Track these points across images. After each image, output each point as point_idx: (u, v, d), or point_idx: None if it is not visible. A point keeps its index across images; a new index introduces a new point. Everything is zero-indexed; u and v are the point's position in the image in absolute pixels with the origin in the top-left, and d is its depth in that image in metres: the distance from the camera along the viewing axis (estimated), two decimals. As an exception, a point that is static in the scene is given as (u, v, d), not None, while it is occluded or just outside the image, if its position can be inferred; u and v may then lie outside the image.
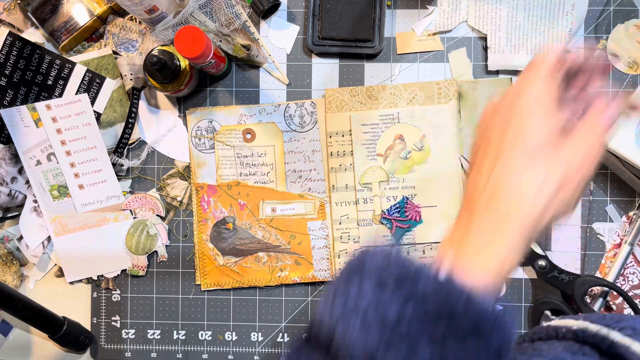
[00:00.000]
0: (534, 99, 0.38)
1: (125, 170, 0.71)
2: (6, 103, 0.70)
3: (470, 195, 0.39)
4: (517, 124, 0.38)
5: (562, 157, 0.37)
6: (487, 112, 0.41)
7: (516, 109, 0.38)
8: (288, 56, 0.71)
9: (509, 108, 0.39)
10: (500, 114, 0.39)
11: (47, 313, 0.66)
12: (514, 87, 0.40)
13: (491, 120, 0.40)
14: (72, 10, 0.69)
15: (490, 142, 0.39)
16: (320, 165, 0.69)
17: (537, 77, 0.39)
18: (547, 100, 0.38)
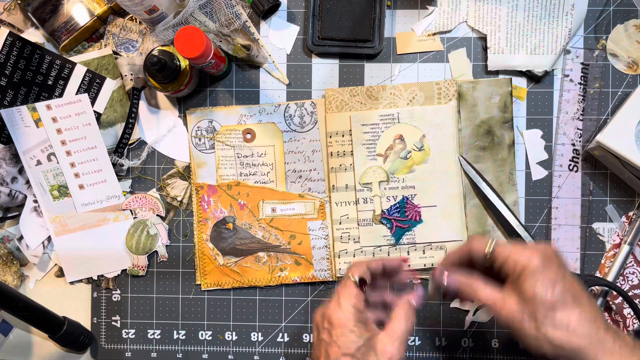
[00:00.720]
0: (346, 320, 0.50)
1: (125, 170, 0.71)
2: (6, 103, 0.70)
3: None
4: (335, 342, 0.49)
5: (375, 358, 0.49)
6: (318, 317, 0.52)
7: (332, 328, 0.50)
8: (288, 56, 0.71)
9: (322, 326, 0.51)
10: (318, 329, 0.52)
11: (47, 313, 0.66)
12: (333, 302, 0.51)
13: (321, 326, 0.51)
14: (72, 11, 0.70)
15: (321, 345, 0.51)
16: (320, 165, 0.70)
17: (346, 297, 0.51)
18: (354, 319, 0.50)
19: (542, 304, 0.47)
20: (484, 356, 0.69)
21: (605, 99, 0.68)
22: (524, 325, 0.48)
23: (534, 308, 0.47)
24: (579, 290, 0.48)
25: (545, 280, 0.47)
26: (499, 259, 0.51)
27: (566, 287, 0.47)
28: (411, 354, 0.69)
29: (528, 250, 0.50)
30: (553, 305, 0.47)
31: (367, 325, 0.51)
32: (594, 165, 0.68)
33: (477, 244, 0.53)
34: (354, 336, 0.49)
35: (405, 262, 0.59)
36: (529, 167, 0.69)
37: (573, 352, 0.46)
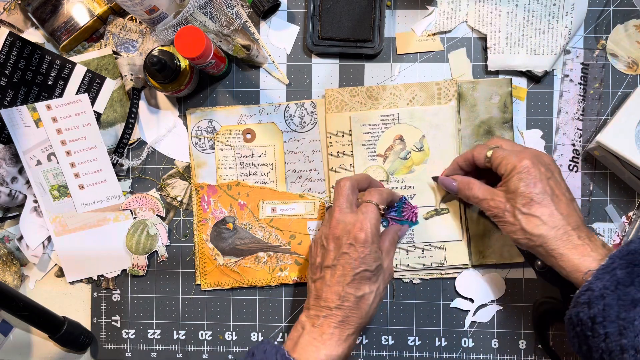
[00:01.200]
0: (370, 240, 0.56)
1: (125, 170, 0.71)
2: (6, 103, 0.70)
3: (326, 302, 0.55)
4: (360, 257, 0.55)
5: (382, 278, 0.57)
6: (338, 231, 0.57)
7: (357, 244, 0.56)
8: (288, 56, 0.71)
9: (347, 241, 0.56)
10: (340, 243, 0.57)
11: (47, 313, 0.66)
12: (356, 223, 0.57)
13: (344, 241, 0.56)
14: (72, 11, 0.70)
15: (339, 266, 0.56)
16: (320, 165, 0.70)
17: (370, 220, 0.56)
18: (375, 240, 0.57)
19: (522, 196, 0.54)
20: (484, 356, 0.69)
21: (605, 99, 0.68)
22: (505, 214, 0.56)
23: (514, 200, 0.55)
24: (561, 192, 0.55)
25: (529, 177, 0.54)
26: (496, 161, 0.57)
27: (548, 186, 0.54)
28: (411, 354, 0.69)
29: (521, 153, 0.56)
30: (531, 198, 0.54)
31: (379, 247, 0.58)
32: (594, 165, 0.68)
33: (480, 149, 0.60)
34: (375, 256, 0.56)
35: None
36: (529, 167, 0.69)
37: (540, 240, 0.53)
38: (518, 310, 0.69)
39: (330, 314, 0.55)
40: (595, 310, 0.48)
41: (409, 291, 0.69)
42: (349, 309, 0.55)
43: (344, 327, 0.55)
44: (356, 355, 0.70)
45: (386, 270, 0.58)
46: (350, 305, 0.55)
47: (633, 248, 0.50)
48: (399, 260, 0.68)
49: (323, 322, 0.55)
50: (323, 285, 0.56)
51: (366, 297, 0.55)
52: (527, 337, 0.68)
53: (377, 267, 0.56)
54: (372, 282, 0.56)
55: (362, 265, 0.55)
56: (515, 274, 0.68)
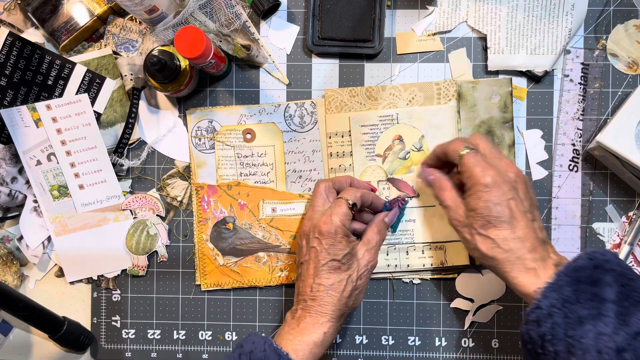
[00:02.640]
0: (334, 232, 0.58)
1: (125, 170, 0.71)
2: (6, 103, 0.70)
3: (302, 295, 0.59)
4: (325, 249, 0.58)
5: (355, 267, 0.59)
6: (307, 228, 0.60)
7: (322, 237, 0.58)
8: (288, 56, 0.71)
9: (313, 235, 0.59)
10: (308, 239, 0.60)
11: (47, 313, 0.66)
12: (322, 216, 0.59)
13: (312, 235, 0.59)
14: (72, 11, 0.70)
15: (310, 261, 0.59)
16: (320, 165, 0.69)
17: (337, 214, 0.59)
18: (341, 233, 0.58)
19: (480, 216, 0.54)
20: (484, 356, 0.69)
21: (605, 99, 0.68)
22: (463, 230, 0.57)
23: (473, 218, 0.55)
24: (520, 212, 0.54)
25: (489, 198, 0.54)
26: (463, 168, 0.57)
27: (507, 208, 0.54)
28: (411, 354, 0.69)
29: (487, 167, 0.56)
30: (488, 220, 0.54)
31: (349, 238, 0.60)
32: (594, 165, 0.68)
33: (456, 145, 0.59)
34: (342, 246, 0.58)
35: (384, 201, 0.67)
36: (529, 167, 0.69)
37: (492, 262, 0.54)
38: (518, 310, 0.69)
39: (305, 306, 0.58)
40: (544, 329, 0.49)
41: (409, 291, 0.69)
42: (320, 298, 0.58)
43: (318, 315, 0.57)
44: (356, 355, 0.70)
45: (362, 259, 0.60)
46: (321, 295, 0.58)
47: (579, 264, 0.50)
48: (399, 261, 0.68)
49: (300, 314, 0.58)
50: (299, 281, 0.60)
51: (336, 286, 0.58)
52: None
53: (346, 256, 0.58)
54: (342, 271, 0.58)
55: (328, 256, 0.58)
56: (515, 274, 0.68)
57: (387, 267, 0.68)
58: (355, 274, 0.59)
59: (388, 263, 0.68)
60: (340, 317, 0.59)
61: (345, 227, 0.59)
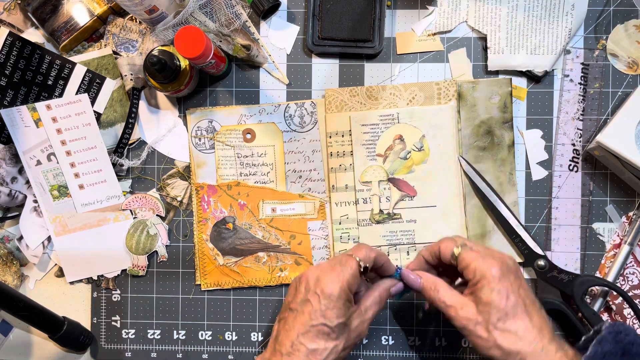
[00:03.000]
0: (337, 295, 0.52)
1: (125, 170, 0.71)
2: (6, 103, 0.70)
3: (280, 346, 0.53)
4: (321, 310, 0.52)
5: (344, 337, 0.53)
6: (311, 278, 0.54)
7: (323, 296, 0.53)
8: (288, 56, 0.71)
9: (314, 288, 0.53)
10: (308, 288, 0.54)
11: (47, 313, 0.66)
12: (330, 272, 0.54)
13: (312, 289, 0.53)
14: (72, 11, 0.70)
15: (300, 314, 0.53)
16: (320, 165, 0.70)
17: (346, 275, 0.53)
18: (345, 297, 0.53)
19: (496, 310, 0.51)
20: (484, 356, 0.69)
21: (605, 99, 0.68)
22: (477, 328, 0.52)
23: (488, 314, 0.51)
24: (530, 302, 0.52)
25: (502, 289, 0.51)
26: (463, 263, 0.54)
27: (520, 298, 0.51)
28: (411, 354, 0.69)
29: (489, 259, 0.53)
30: (506, 312, 0.51)
31: (350, 304, 0.54)
32: (594, 165, 0.68)
33: (447, 243, 0.57)
34: (339, 312, 0.53)
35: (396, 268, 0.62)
36: (529, 167, 0.69)
37: (517, 357, 0.50)
38: (518, 310, 0.68)
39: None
40: None
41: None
42: (297, 358, 0.52)
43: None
44: (356, 355, 0.70)
45: (353, 330, 0.54)
46: (300, 356, 0.52)
47: (607, 350, 0.49)
48: (399, 261, 0.68)
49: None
50: (282, 328, 0.55)
51: (319, 352, 0.52)
52: None
53: (339, 325, 0.52)
54: (330, 339, 0.52)
55: (320, 319, 0.52)
56: (515, 274, 0.68)
57: (387, 267, 0.68)
58: (341, 345, 0.53)
59: (388, 263, 0.68)
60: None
61: (350, 292, 0.54)
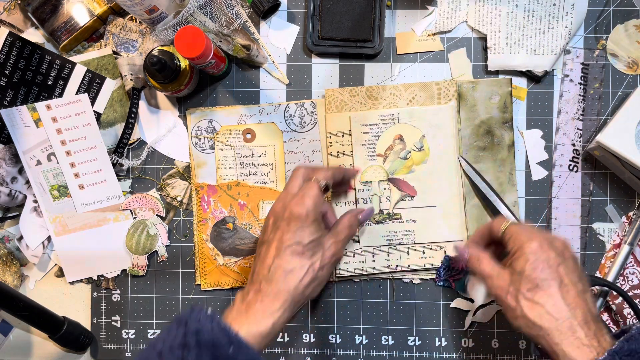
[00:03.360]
0: (305, 214, 0.54)
1: (125, 170, 0.71)
2: (6, 103, 0.70)
3: (257, 276, 0.54)
4: (293, 231, 0.54)
5: (319, 256, 0.55)
6: (278, 207, 0.56)
7: (292, 219, 0.54)
8: (288, 56, 0.71)
9: (282, 217, 0.55)
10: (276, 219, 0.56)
11: (47, 313, 0.66)
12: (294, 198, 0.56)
13: (281, 215, 0.55)
14: (72, 11, 0.70)
15: (273, 241, 0.55)
16: (321, 165, 0.69)
17: (310, 196, 0.55)
18: (312, 217, 0.55)
19: (527, 280, 0.51)
20: (484, 356, 0.69)
21: (605, 99, 0.68)
22: (507, 297, 0.52)
23: (518, 283, 0.51)
24: (571, 281, 0.51)
25: (537, 261, 0.51)
26: (507, 235, 0.55)
27: (557, 274, 0.51)
28: (411, 354, 0.69)
29: (533, 233, 0.53)
30: (536, 284, 0.50)
31: (319, 224, 0.56)
32: (594, 165, 0.68)
33: (497, 222, 0.58)
34: (310, 230, 0.55)
35: (357, 172, 0.68)
36: (529, 167, 0.69)
37: (541, 331, 0.49)
38: (518, 310, 0.68)
39: (258, 288, 0.53)
40: None
41: (409, 291, 0.69)
42: (277, 281, 0.53)
43: (270, 302, 0.52)
44: (356, 355, 0.70)
45: (327, 249, 0.56)
46: (278, 278, 0.53)
47: (634, 348, 0.46)
48: (399, 261, 0.68)
49: (251, 298, 0.53)
50: (257, 260, 0.56)
51: (296, 272, 0.53)
52: (527, 337, 0.68)
53: (312, 242, 0.54)
54: (305, 257, 0.54)
55: (293, 239, 0.54)
56: (515, 274, 0.68)
57: (387, 267, 0.68)
58: (318, 264, 0.55)
59: (389, 263, 0.68)
60: (294, 306, 0.54)
61: (317, 211, 0.55)
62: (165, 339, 0.48)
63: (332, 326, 0.70)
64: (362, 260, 0.68)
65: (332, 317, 0.70)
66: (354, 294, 0.70)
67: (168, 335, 0.49)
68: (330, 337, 0.70)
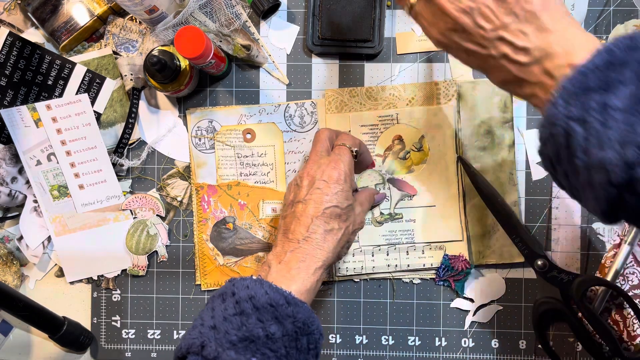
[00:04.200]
0: (343, 179, 0.55)
1: (125, 170, 0.71)
2: (6, 103, 0.70)
3: (294, 234, 0.54)
4: (333, 193, 0.55)
5: (352, 220, 0.57)
6: (313, 169, 0.57)
7: (331, 181, 0.55)
8: (288, 56, 0.71)
9: (320, 178, 0.55)
10: (314, 180, 0.56)
11: (47, 313, 0.66)
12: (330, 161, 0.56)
13: (319, 177, 0.56)
14: (72, 11, 0.70)
15: (311, 201, 0.55)
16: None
17: (345, 161, 0.56)
18: (349, 181, 0.56)
19: None
20: (484, 356, 0.69)
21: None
22: None
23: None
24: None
25: None
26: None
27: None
28: (411, 354, 0.69)
29: None
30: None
31: (351, 191, 0.57)
32: (594, 165, 0.68)
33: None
34: (347, 195, 0.56)
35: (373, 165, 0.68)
36: (529, 167, 0.69)
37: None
38: (518, 310, 0.69)
39: (297, 248, 0.53)
40: None
41: (409, 291, 0.69)
42: (316, 241, 0.53)
43: (310, 261, 0.53)
44: (356, 355, 0.70)
45: (357, 215, 0.58)
46: (317, 238, 0.53)
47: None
48: (399, 261, 0.68)
49: (290, 258, 0.53)
50: (293, 219, 0.55)
51: (334, 232, 0.54)
52: (527, 337, 0.68)
53: (348, 207, 0.56)
54: (342, 220, 0.55)
55: (333, 201, 0.54)
56: (515, 274, 0.68)
57: (387, 267, 0.68)
58: (351, 227, 0.57)
59: (388, 263, 0.68)
60: (330, 266, 0.56)
61: (352, 176, 0.57)
62: (214, 314, 0.48)
63: (332, 326, 0.70)
64: (362, 259, 0.68)
65: (332, 317, 0.70)
66: (354, 294, 0.70)
67: (214, 311, 0.49)
68: (330, 337, 0.70)
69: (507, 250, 0.67)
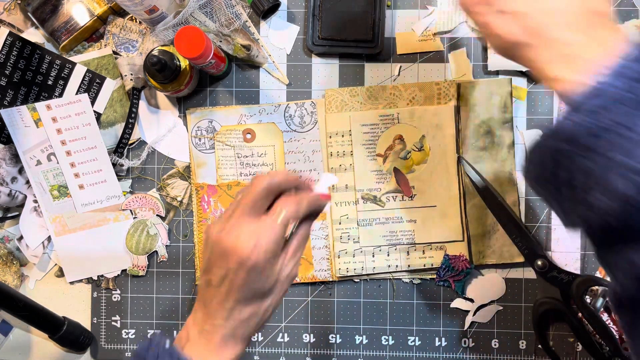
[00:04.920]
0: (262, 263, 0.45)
1: (125, 170, 0.71)
2: (6, 103, 0.70)
3: (212, 318, 0.47)
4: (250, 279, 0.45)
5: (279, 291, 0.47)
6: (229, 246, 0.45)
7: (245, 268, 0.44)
8: (288, 56, 0.71)
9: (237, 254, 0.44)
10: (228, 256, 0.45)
11: (47, 313, 0.66)
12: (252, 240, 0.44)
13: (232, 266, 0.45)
14: (72, 11, 0.70)
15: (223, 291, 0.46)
16: (320, 165, 0.69)
17: (271, 243, 0.44)
18: (272, 261, 0.45)
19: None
20: (484, 356, 0.69)
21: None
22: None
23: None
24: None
25: None
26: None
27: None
28: (411, 354, 0.69)
29: None
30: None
31: (277, 258, 0.46)
32: (594, 165, 0.68)
33: None
34: (268, 273, 0.45)
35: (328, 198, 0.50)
36: (529, 167, 0.69)
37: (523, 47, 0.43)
38: (518, 310, 0.69)
39: (215, 326, 0.47)
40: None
41: (409, 291, 0.69)
42: (235, 328, 0.47)
43: (230, 340, 0.47)
44: (356, 355, 0.70)
45: (285, 279, 0.47)
46: (237, 325, 0.47)
47: None
48: (399, 261, 0.68)
49: (209, 330, 0.47)
50: (209, 295, 0.47)
51: (255, 315, 0.47)
52: (527, 337, 0.68)
53: (270, 287, 0.46)
54: (263, 300, 0.47)
55: (251, 291, 0.45)
56: (515, 274, 0.68)
57: (387, 267, 0.68)
58: (277, 297, 0.48)
59: (388, 263, 0.68)
60: (251, 337, 0.49)
61: (277, 251, 0.45)
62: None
63: (332, 326, 0.70)
64: (362, 260, 0.68)
65: (332, 317, 0.70)
66: (354, 294, 0.70)
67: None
68: (330, 337, 0.70)
69: (507, 250, 0.67)
